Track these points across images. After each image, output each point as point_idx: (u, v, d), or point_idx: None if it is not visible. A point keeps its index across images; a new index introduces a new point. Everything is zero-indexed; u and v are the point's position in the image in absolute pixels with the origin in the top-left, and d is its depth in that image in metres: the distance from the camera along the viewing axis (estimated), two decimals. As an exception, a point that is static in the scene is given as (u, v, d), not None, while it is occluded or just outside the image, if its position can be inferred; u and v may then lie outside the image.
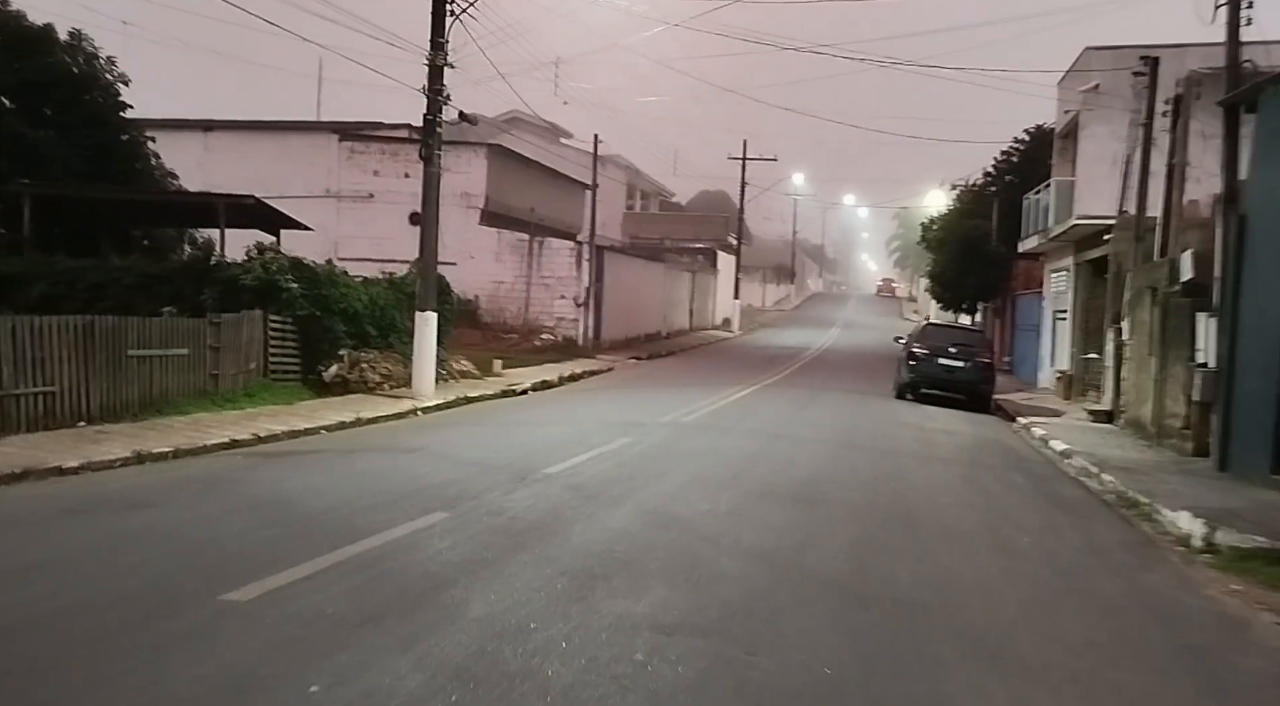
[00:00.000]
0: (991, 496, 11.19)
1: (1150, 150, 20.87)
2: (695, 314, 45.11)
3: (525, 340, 31.25)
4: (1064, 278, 27.30)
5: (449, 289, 24.39)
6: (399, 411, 16.54)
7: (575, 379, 24.63)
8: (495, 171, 32.85)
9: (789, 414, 17.63)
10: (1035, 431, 18.79)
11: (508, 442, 12.68)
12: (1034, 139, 38.09)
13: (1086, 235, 23.98)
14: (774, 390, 22.71)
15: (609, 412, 16.82)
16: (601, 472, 10.35)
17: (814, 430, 15.57)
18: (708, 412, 16.97)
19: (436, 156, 19.33)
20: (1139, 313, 19.17)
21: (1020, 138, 38.74)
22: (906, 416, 19.20)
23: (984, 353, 22.14)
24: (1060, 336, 26.75)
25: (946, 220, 39.82)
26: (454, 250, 32.44)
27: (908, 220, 73.21)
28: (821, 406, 19.58)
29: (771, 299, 69.38)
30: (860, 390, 24.01)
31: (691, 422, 15.34)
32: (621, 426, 14.44)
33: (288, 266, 18.32)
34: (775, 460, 12.05)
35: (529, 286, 32.26)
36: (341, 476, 9.99)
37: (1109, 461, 14.79)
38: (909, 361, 22.05)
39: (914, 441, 15.43)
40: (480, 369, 23.41)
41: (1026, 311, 31.55)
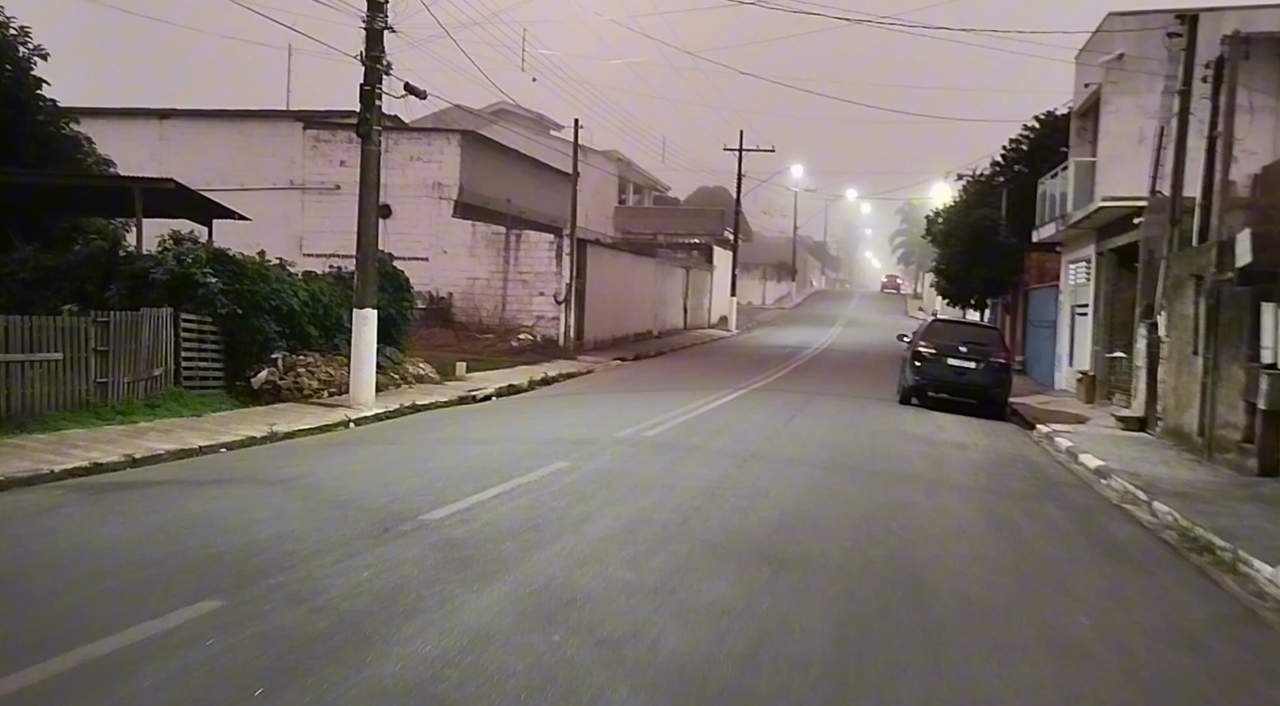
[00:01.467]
0: (1024, 543, 8.33)
1: (1188, 121, 17.98)
2: (690, 312, 42.25)
3: (502, 340, 28.48)
4: (1084, 269, 24.39)
5: (408, 285, 21.61)
6: (328, 423, 13.85)
7: (548, 383, 21.89)
8: (470, 160, 30.07)
9: (774, 425, 14.78)
10: (1060, 443, 15.94)
11: (411, 470, 9.89)
12: (1045, 126, 35.25)
13: (1111, 221, 21.08)
14: (763, 395, 19.87)
15: (563, 425, 14.04)
16: (503, 518, 7.54)
17: (800, 447, 12.72)
18: (678, 425, 14.15)
19: (375, 133, 16.53)
20: (1179, 305, 16.29)
21: (1030, 125, 35.95)
22: (911, 426, 16.34)
23: (998, 352, 19.25)
24: (1080, 333, 23.85)
25: (952, 212, 36.91)
26: (425, 244, 29.75)
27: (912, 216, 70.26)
28: (813, 415, 16.74)
29: (772, 297, 66.37)
30: (860, 394, 21.14)
31: (653, 439, 12.52)
32: (566, 445, 11.64)
33: (205, 259, 15.64)
34: (744, 493, 9.21)
35: (506, 283, 29.50)
36: (152, 526, 7.21)
37: (1157, 483, 11.94)
38: (914, 362, 19.18)
39: (920, 460, 12.58)
40: (441, 372, 20.68)
41: (1041, 306, 28.60)
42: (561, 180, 37.59)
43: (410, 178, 29.53)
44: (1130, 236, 20.04)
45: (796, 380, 23.98)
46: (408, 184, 29.51)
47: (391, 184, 29.57)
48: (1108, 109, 22.47)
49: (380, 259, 21.14)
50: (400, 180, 29.52)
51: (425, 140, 29.81)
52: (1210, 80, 17.69)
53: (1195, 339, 15.30)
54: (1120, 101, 22.31)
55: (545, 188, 34.87)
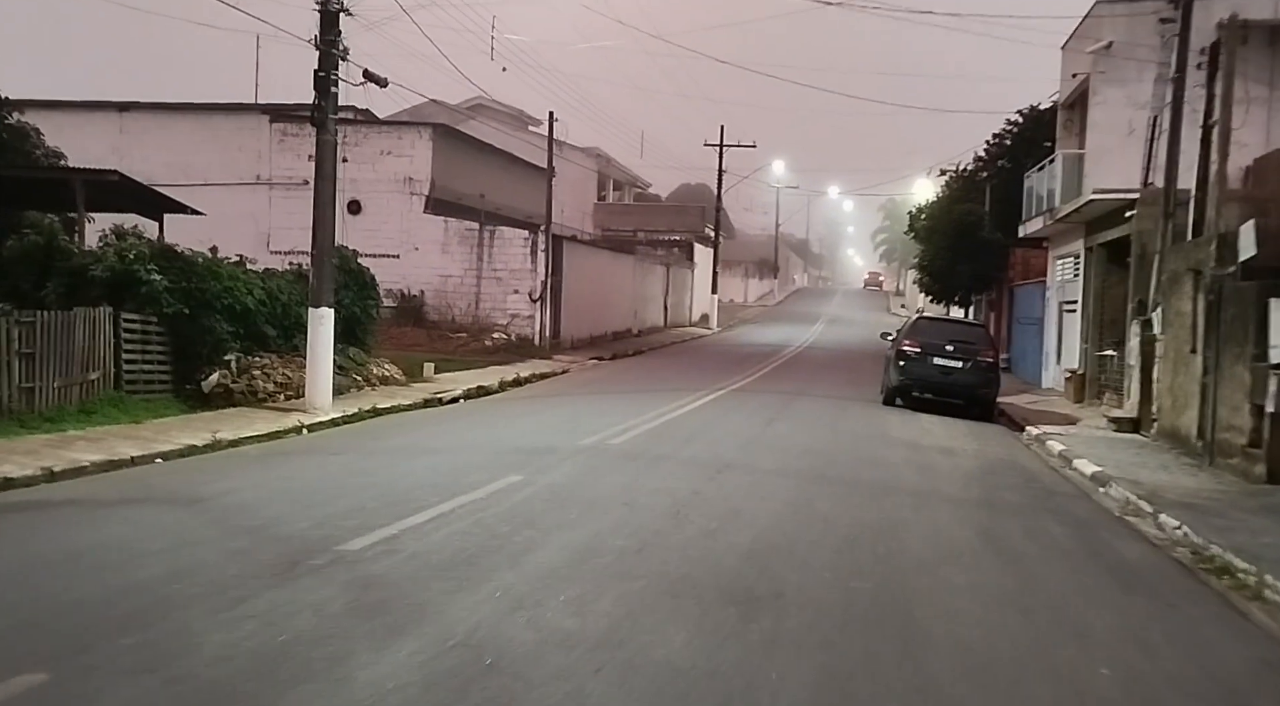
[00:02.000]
0: (1027, 569, 7.36)
1: (1181, 110, 17.09)
2: (671, 310, 41.24)
3: (475, 339, 27.39)
4: (1071, 264, 23.51)
5: (373, 282, 20.52)
6: (279, 429, 12.82)
7: (519, 384, 20.86)
8: (442, 155, 28.96)
9: (751, 430, 13.79)
10: (1052, 446, 15.02)
11: (349, 485, 8.85)
12: (1029, 120, 34.43)
13: (1101, 214, 20.19)
14: (741, 396, 18.90)
15: (526, 431, 13.03)
16: (434, 548, 6.52)
17: (778, 455, 11.72)
18: (649, 430, 13.14)
19: (331, 122, 15.42)
20: (1176, 301, 15.39)
21: (1013, 119, 35.13)
22: (896, 429, 15.40)
23: (986, 351, 18.32)
24: (1068, 331, 22.97)
25: (936, 208, 36.03)
26: (396, 241, 28.63)
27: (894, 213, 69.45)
28: (794, 418, 15.76)
29: (754, 294, 65.42)
30: (842, 395, 20.19)
31: (619, 447, 11.50)
32: (525, 454, 10.62)
33: (149, 254, 14.57)
34: (713, 512, 8.20)
35: (480, 280, 28.41)
36: (14, 563, 6.14)
37: (1160, 492, 11.01)
38: (898, 361, 18.23)
39: (907, 467, 11.61)
40: (408, 373, 19.63)
41: (1027, 303, 27.74)
42: (539, 176, 36.48)
43: (381, 172, 28.41)
44: (1121, 230, 19.16)
45: (777, 380, 23.02)
46: (378, 179, 28.40)
47: (361, 179, 28.52)
48: (1096, 100, 21.59)
49: (343, 255, 20.11)
50: (370, 175, 28.42)
51: (396, 134, 28.70)
52: (1205, 67, 16.82)
53: (1194, 337, 14.40)
54: (1109, 92, 21.44)
55: (522, 183, 33.79)
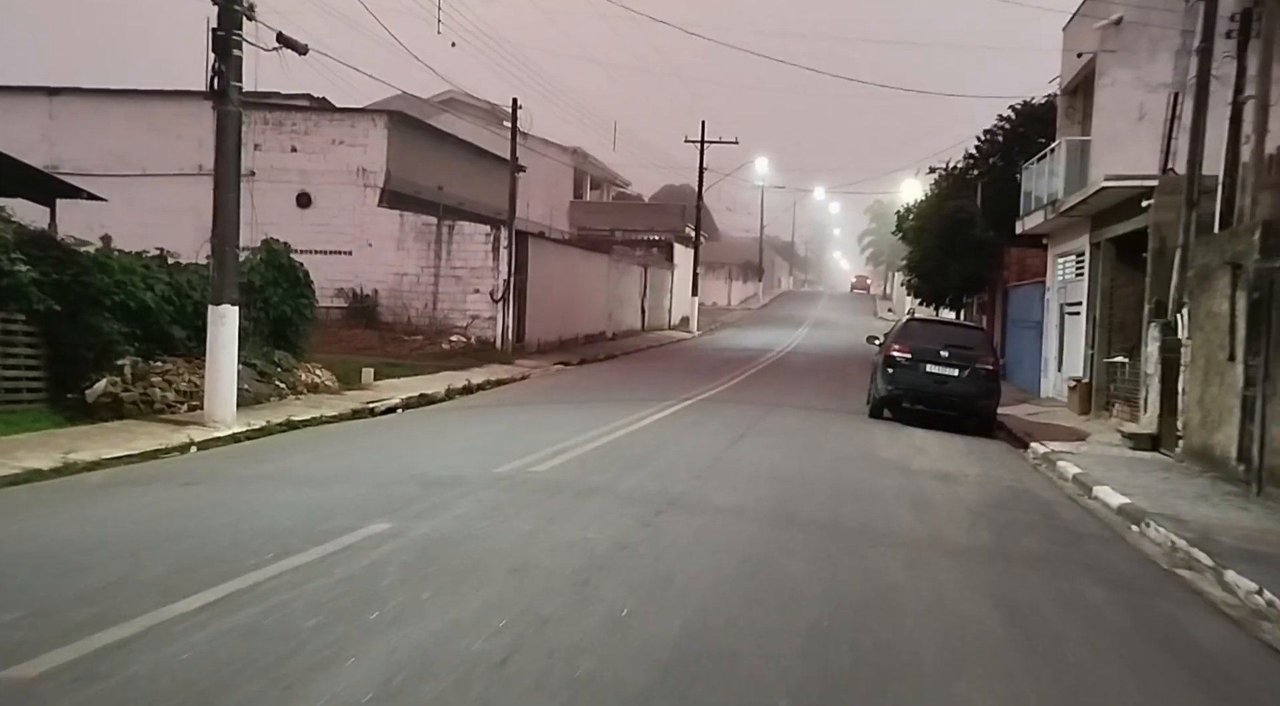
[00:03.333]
0: (1071, 674, 4.99)
1: (1208, 85, 14.82)
2: (649, 312, 38.86)
3: (432, 342, 25.00)
4: (1073, 263, 21.24)
5: (307, 279, 18.08)
6: (161, 447, 10.46)
7: (470, 391, 18.47)
8: (399, 145, 26.56)
9: (713, 451, 11.40)
10: (1064, 468, 12.72)
11: (154, 536, 6.45)
12: (1021, 116, 32.24)
13: (1111, 206, 17.91)
14: (712, 406, 16.54)
15: (442, 452, 10.65)
16: (170, 666, 4.11)
17: (741, 485, 9.35)
18: (592, 450, 10.77)
19: (233, 90, 12.97)
20: (1207, 300, 13.10)
21: (1005, 115, 32.95)
22: (885, 447, 13.05)
23: (985, 356, 15.96)
24: (1071, 335, 20.68)
25: (925, 207, 33.76)
26: (349, 236, 26.23)
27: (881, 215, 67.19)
28: (767, 433, 13.40)
29: (738, 297, 63.02)
30: (824, 406, 17.85)
31: (544, 475, 9.11)
32: (419, 487, 8.25)
33: (13, 243, 12.20)
34: (636, 580, 5.81)
35: (437, 279, 26.03)
36: None
37: (1213, 534, 8.69)
38: (887, 369, 15.88)
39: (899, 501, 9.24)
40: (343, 380, 17.23)
41: (1023, 305, 25.43)
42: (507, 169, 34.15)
43: (332, 163, 26.01)
44: (1135, 223, 16.87)
45: (754, 388, 20.67)
46: (329, 170, 26.00)
47: (311, 170, 26.14)
48: (1103, 82, 19.32)
49: (273, 249, 17.79)
50: (321, 166, 26.03)
51: (349, 122, 26.29)
52: (1235, 35, 14.58)
53: (1231, 341, 12.11)
54: (1118, 73, 19.18)
55: (488, 178, 31.33)
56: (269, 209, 26.24)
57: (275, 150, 25.99)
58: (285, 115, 26.06)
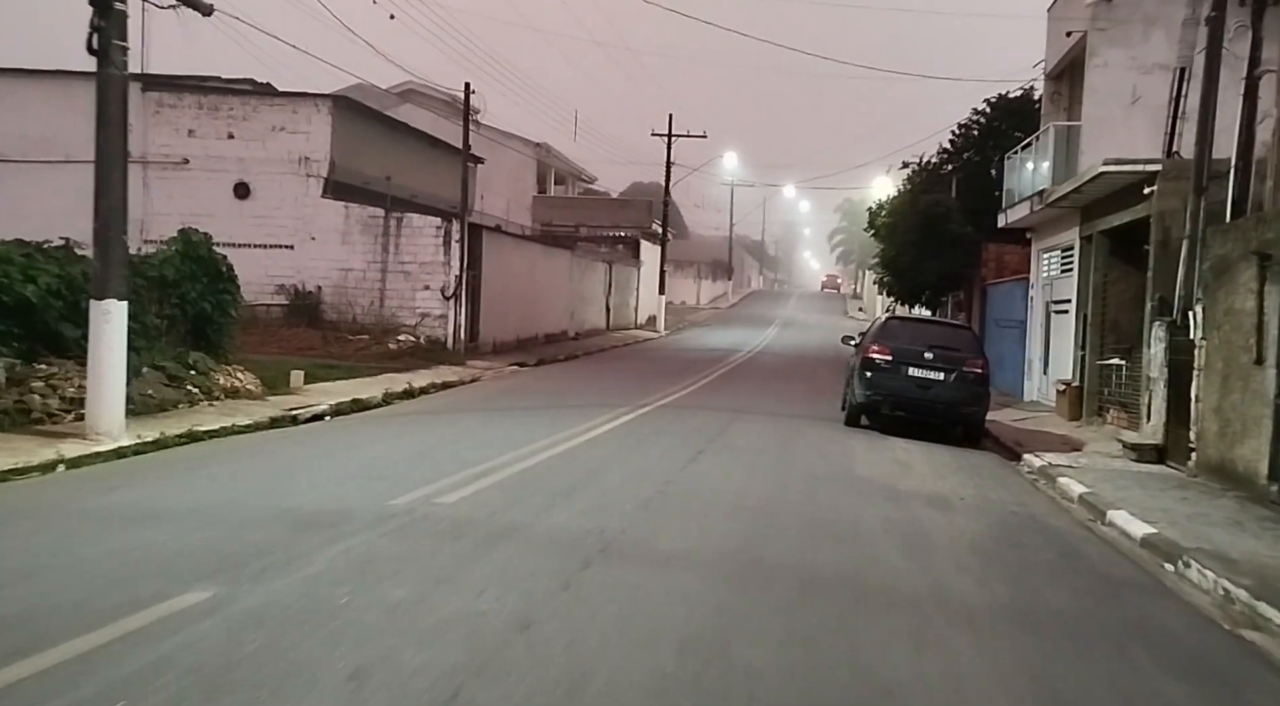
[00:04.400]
0: None
1: (1219, 58, 13.17)
2: (614, 311, 36.98)
3: (378, 342, 22.97)
4: (1059, 257, 19.60)
5: (230, 274, 16.03)
6: (24, 465, 8.55)
7: (411, 396, 16.54)
8: (344, 132, 24.51)
9: (665, 471, 9.55)
10: (1066, 485, 11.02)
11: None
12: (996, 110, 30.79)
13: (1104, 196, 16.25)
14: (671, 414, 14.71)
15: (337, 476, 8.72)
16: None
17: (693, 521, 7.51)
18: (521, 472, 8.90)
19: (116, 51, 10.93)
20: (1226, 296, 11.42)
21: (981, 109, 31.48)
22: (865, 464, 11.26)
23: (973, 359, 14.20)
24: (1059, 335, 19.04)
25: (899, 202, 32.13)
26: (290, 229, 24.14)
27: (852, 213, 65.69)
28: (729, 448, 11.57)
29: (707, 296, 61.27)
30: (795, 412, 16.08)
31: (451, 510, 7.21)
32: (283, 529, 6.36)
33: None
34: (525, 693, 3.97)
35: (385, 274, 24.01)
36: None
37: (1270, 578, 6.97)
38: (865, 372, 14.10)
39: (889, 538, 7.44)
40: (270, 384, 15.25)
41: (1004, 303, 23.79)
42: (465, 162, 32.17)
43: (272, 151, 23.93)
44: (1133, 213, 15.21)
45: (720, 392, 18.86)
46: (269, 158, 23.92)
47: (250, 158, 24.04)
48: (1094, 63, 17.68)
49: (190, 240, 15.77)
50: (260, 154, 23.94)
51: (290, 107, 24.18)
52: (1250, 2, 12.96)
53: (1259, 342, 10.43)
54: (1110, 53, 17.55)
55: (444, 170, 29.30)
56: (204, 199, 24.20)
57: (211, 137, 23.90)
58: (221, 99, 23.96)
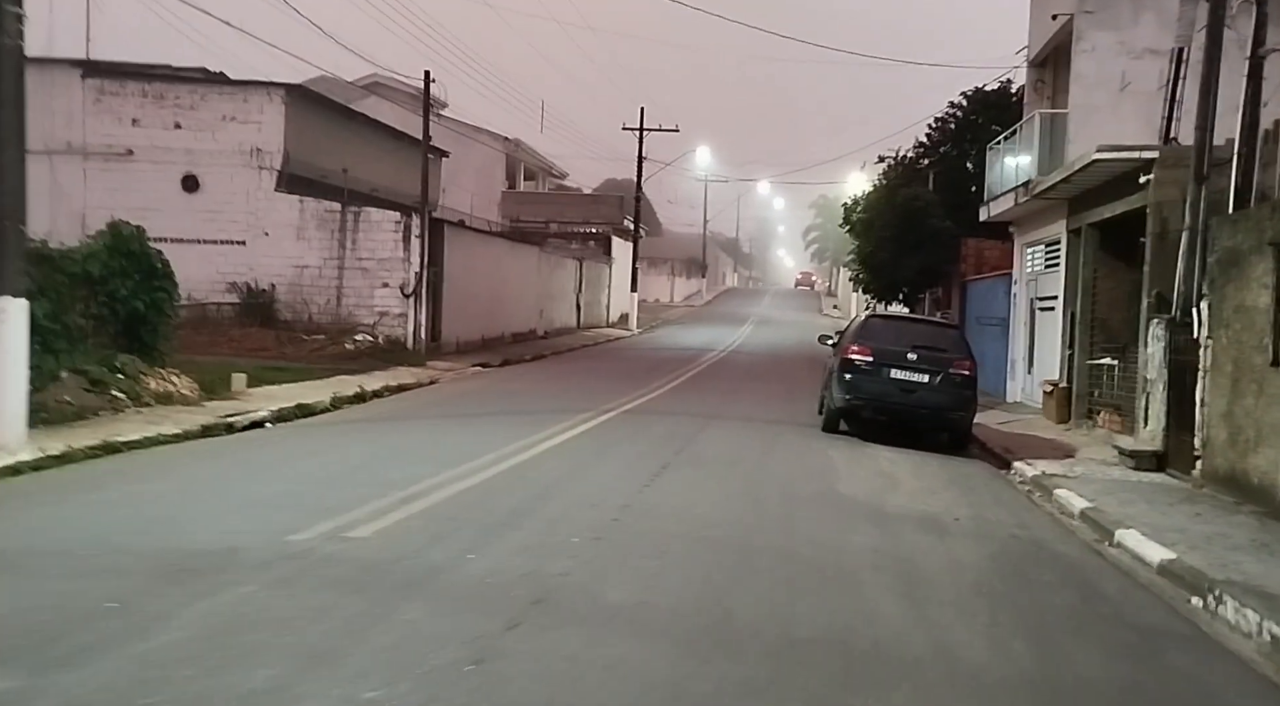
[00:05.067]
0: None
1: (1221, 37, 12.14)
2: (585, 309, 35.77)
3: (335, 342, 21.66)
4: (1043, 252, 18.59)
5: (165, 270, 14.65)
6: None
7: (363, 400, 15.28)
8: (298, 122, 23.16)
9: (625, 489, 8.37)
10: (1066, 499, 9.97)
11: None
12: (973, 102, 29.86)
13: (1094, 186, 15.23)
14: (638, 420, 13.55)
15: (243, 502, 7.48)
16: None
17: (650, 561, 6.32)
18: (455, 495, 7.70)
19: (10, 16, 9.60)
20: (1236, 292, 10.38)
21: (957, 102, 30.54)
22: (847, 477, 10.13)
23: (960, 360, 13.09)
24: (1044, 333, 18.02)
25: (874, 198, 31.08)
26: (243, 225, 22.77)
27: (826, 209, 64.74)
28: (697, 461, 10.39)
29: (681, 294, 60.16)
30: (770, 417, 14.95)
31: (352, 551, 5.99)
32: (143, 579, 5.14)
33: None
34: None
35: (342, 271, 22.70)
36: None
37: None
38: (844, 374, 12.97)
39: (877, 578, 6.29)
40: (209, 388, 13.94)
41: (986, 300, 22.79)
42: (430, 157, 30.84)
43: (223, 142, 22.53)
44: (1125, 204, 14.18)
45: (691, 394, 17.72)
46: (220, 150, 22.53)
47: (199, 150, 22.64)
48: (1082, 47, 16.66)
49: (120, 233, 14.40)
50: (210, 145, 22.54)
51: (241, 96, 22.78)
52: (1256, -25, 11.92)
53: (1275, 342, 9.39)
54: (1098, 36, 16.53)
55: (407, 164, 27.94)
56: (150, 193, 22.76)
57: (156, 126, 22.47)
58: (167, 87, 22.54)
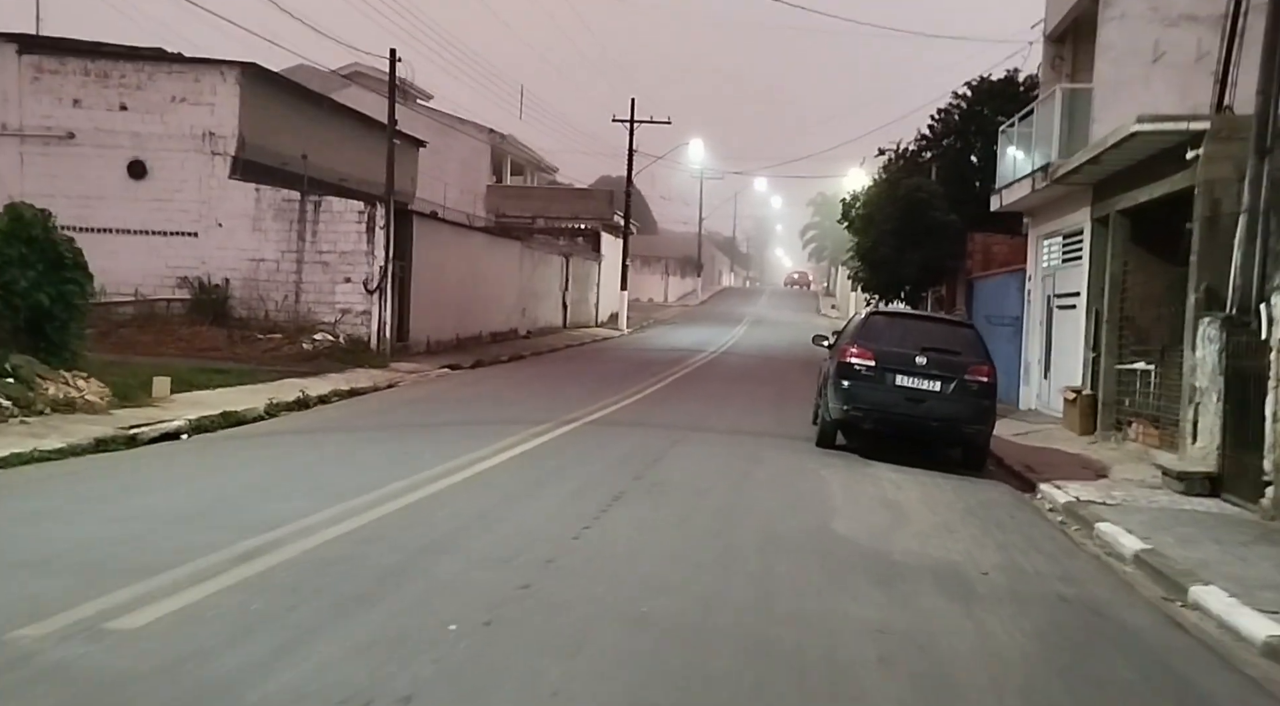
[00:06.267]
0: None
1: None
2: (571, 308, 33.74)
3: (292, 342, 19.63)
4: (1060, 245, 16.56)
5: (78, 261, 12.66)
6: None
7: (304, 406, 13.30)
8: (255, 104, 21.11)
9: (555, 534, 6.34)
10: (1110, 535, 7.96)
11: None
12: (978, 93, 27.92)
13: (1124, 168, 13.21)
14: (601, 433, 11.52)
15: (44, 553, 5.48)
16: None
17: (554, 661, 4.31)
18: (339, 538, 5.70)
19: None
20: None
21: (961, 92, 28.62)
22: (844, 511, 8.09)
23: (977, 365, 10.98)
24: (1065, 334, 15.99)
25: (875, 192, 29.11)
26: (194, 215, 20.73)
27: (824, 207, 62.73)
28: (660, 489, 8.35)
29: (675, 293, 58.11)
30: (755, 429, 12.91)
31: (109, 650, 4.00)
32: None
33: None
34: None
35: (301, 265, 20.66)
36: None
37: None
38: (841, 381, 10.93)
39: (881, 678, 4.28)
40: (122, 394, 11.96)
41: (996, 298, 20.72)
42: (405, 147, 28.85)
43: (172, 125, 20.51)
44: (1169, 185, 12.14)
45: (671, 400, 15.70)
46: (169, 134, 20.50)
47: (146, 132, 20.60)
48: (1109, 14, 14.64)
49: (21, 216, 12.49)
50: (158, 128, 20.52)
51: (192, 75, 20.73)
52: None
53: (1379, 346, 7.40)
54: (1128, 2, 14.52)
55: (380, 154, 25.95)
56: (93, 179, 20.73)
57: (100, 108, 20.46)
58: (112, 65, 20.50)
